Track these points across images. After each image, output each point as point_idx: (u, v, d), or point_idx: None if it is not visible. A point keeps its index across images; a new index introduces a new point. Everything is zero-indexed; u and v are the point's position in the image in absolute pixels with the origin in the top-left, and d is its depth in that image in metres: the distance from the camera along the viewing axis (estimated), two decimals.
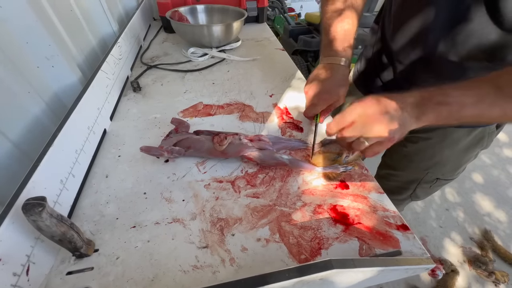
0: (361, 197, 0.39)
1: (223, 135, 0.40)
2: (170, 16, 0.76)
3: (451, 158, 0.58)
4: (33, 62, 0.43)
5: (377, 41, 0.57)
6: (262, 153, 0.40)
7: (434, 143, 0.56)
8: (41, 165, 0.31)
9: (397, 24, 0.49)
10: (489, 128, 0.54)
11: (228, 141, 0.39)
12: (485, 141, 0.56)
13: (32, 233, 0.28)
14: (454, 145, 0.56)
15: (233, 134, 0.40)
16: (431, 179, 0.62)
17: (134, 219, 0.35)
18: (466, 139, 0.54)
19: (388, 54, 0.53)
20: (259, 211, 0.37)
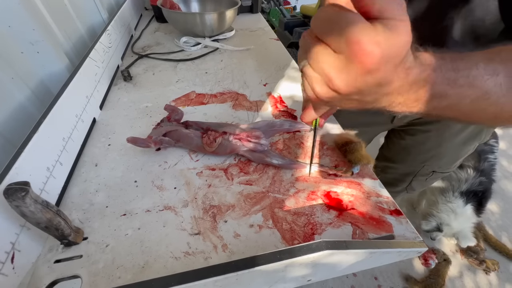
0: (355, 183, 0.39)
1: (212, 136, 0.38)
2: (161, 4, 0.74)
3: (449, 151, 0.57)
4: (17, 47, 0.41)
5: None
6: (252, 155, 0.39)
7: (433, 136, 0.56)
8: (25, 151, 0.30)
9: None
10: None
11: (217, 143, 0.38)
12: (484, 134, 0.55)
13: (17, 220, 0.27)
14: (453, 138, 0.54)
15: (221, 133, 0.39)
16: (428, 172, 0.62)
17: (125, 207, 0.35)
18: (465, 132, 0.53)
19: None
20: (252, 198, 0.36)
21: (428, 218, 1.04)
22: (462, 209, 0.99)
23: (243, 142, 0.40)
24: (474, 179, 1.01)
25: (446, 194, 1.03)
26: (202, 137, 0.39)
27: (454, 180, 1.03)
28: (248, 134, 0.40)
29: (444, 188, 1.04)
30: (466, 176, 1.01)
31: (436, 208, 1.04)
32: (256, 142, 0.40)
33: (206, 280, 0.20)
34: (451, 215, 1.00)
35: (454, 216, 0.99)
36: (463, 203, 0.99)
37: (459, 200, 1.00)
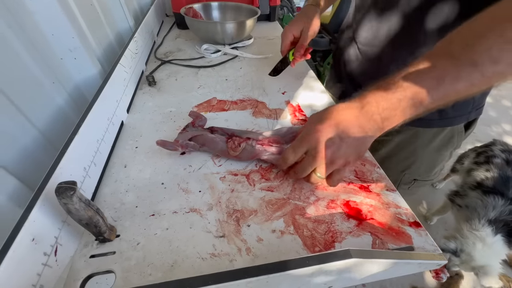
0: (374, 194, 0.40)
1: (237, 141, 0.40)
2: (184, 13, 0.77)
3: (424, 158, 0.59)
4: (58, 54, 0.44)
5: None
6: (275, 158, 0.41)
7: (406, 145, 0.58)
8: (67, 152, 0.32)
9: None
10: (458, 128, 0.55)
11: (241, 148, 0.40)
12: (456, 141, 0.57)
13: (59, 216, 0.30)
14: (425, 146, 0.57)
15: (245, 139, 0.41)
16: (409, 180, 0.63)
17: (153, 207, 0.37)
18: (436, 139, 0.56)
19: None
20: (274, 204, 0.38)
21: (448, 238, 0.95)
22: (492, 239, 0.87)
23: (265, 147, 0.42)
24: (504, 207, 0.90)
25: (471, 221, 0.93)
26: (227, 142, 0.41)
27: (480, 207, 0.94)
28: (270, 139, 0.42)
29: (468, 215, 0.95)
30: (493, 203, 0.92)
31: (460, 233, 0.94)
32: (278, 146, 0.41)
33: (240, 281, 0.22)
34: (478, 244, 0.87)
35: (481, 246, 0.87)
36: (492, 233, 0.88)
37: (487, 229, 0.89)
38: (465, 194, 1.04)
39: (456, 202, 1.06)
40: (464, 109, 0.52)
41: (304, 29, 0.57)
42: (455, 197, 1.08)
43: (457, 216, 1.05)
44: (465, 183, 1.09)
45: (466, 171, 1.15)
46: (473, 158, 1.17)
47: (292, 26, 0.58)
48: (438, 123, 0.54)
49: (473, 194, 1.00)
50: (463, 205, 1.02)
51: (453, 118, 0.53)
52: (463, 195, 1.05)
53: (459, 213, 1.03)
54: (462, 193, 1.06)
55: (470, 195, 1.01)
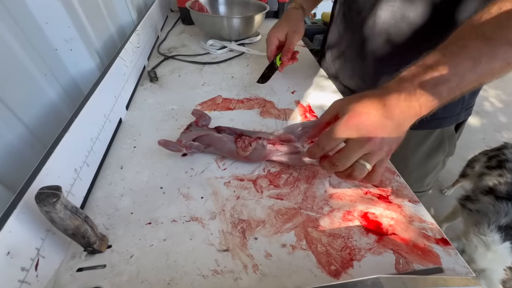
0: (395, 205, 0.36)
1: (247, 140, 0.37)
2: (190, 6, 0.74)
3: (415, 165, 0.57)
4: (52, 44, 0.41)
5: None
6: (288, 157, 0.37)
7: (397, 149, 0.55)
8: (55, 151, 0.29)
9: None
10: (448, 130, 0.54)
11: (252, 148, 0.36)
12: (446, 146, 0.56)
13: (43, 225, 0.26)
14: (415, 150, 0.56)
15: (256, 138, 0.37)
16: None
17: (150, 214, 0.33)
18: (426, 142, 0.54)
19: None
20: (284, 214, 0.34)
21: (452, 239, 0.93)
22: (498, 246, 0.84)
23: (277, 146, 0.38)
24: None
25: (480, 226, 0.90)
26: (236, 142, 0.37)
27: (491, 212, 0.91)
28: (281, 137, 0.39)
29: (478, 220, 0.92)
30: (506, 209, 0.89)
31: (466, 236, 0.92)
32: (290, 145, 0.38)
33: None
34: (481, 248, 0.85)
35: (485, 251, 0.85)
36: (500, 239, 0.85)
37: (495, 235, 0.86)
38: (477, 199, 1.00)
39: (467, 207, 1.03)
40: (453, 110, 0.51)
41: (289, 32, 0.55)
42: (466, 201, 1.04)
43: (467, 220, 1.01)
44: (476, 188, 1.06)
45: (477, 176, 1.12)
46: (485, 162, 1.13)
47: (276, 30, 0.56)
48: (427, 124, 0.51)
49: (485, 199, 0.97)
50: (474, 210, 0.98)
51: (442, 119, 0.51)
52: (474, 200, 1.01)
53: (469, 217, 1.00)
54: (473, 198, 1.03)
55: (482, 200, 0.98)
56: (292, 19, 0.57)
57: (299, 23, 0.57)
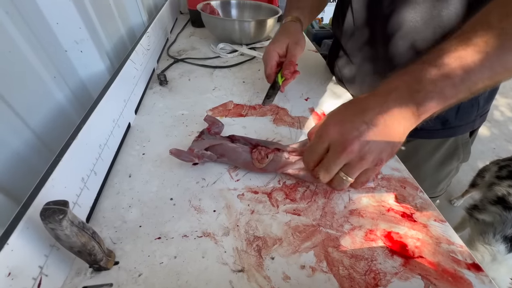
0: (420, 224, 0.33)
1: (263, 151, 0.35)
2: (201, 9, 0.73)
3: (428, 172, 0.55)
4: (62, 45, 0.39)
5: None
6: (305, 173, 0.35)
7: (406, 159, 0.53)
8: (63, 160, 0.27)
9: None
10: (462, 138, 0.51)
11: (269, 160, 0.34)
12: (461, 153, 0.53)
13: (47, 240, 0.24)
14: (427, 159, 0.53)
15: (274, 149, 0.35)
16: None
17: (160, 228, 0.31)
18: (439, 151, 0.52)
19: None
20: (302, 232, 0.32)
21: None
22: (504, 256, 0.84)
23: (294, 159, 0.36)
24: None
25: (485, 235, 0.89)
26: (252, 152, 0.35)
27: (498, 222, 0.89)
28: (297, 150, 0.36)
29: (484, 229, 0.91)
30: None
31: (472, 245, 0.91)
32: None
33: None
34: (487, 258, 0.85)
35: (491, 261, 0.84)
36: (506, 250, 0.85)
37: (500, 245, 0.86)
38: (484, 209, 0.99)
39: (474, 216, 1.01)
40: (468, 117, 0.48)
41: (290, 44, 0.50)
42: (474, 211, 1.02)
43: (473, 229, 0.99)
44: (485, 198, 1.04)
45: (487, 185, 1.10)
46: (495, 172, 1.12)
47: (274, 44, 0.50)
48: (440, 133, 0.50)
49: (493, 209, 0.95)
50: (481, 219, 0.97)
51: (456, 127, 0.49)
52: (482, 209, 0.99)
53: (475, 226, 0.98)
54: (481, 207, 1.01)
55: (489, 210, 0.96)
56: (292, 31, 0.51)
57: (300, 35, 0.52)
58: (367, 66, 0.51)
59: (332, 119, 0.28)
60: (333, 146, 0.27)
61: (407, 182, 0.39)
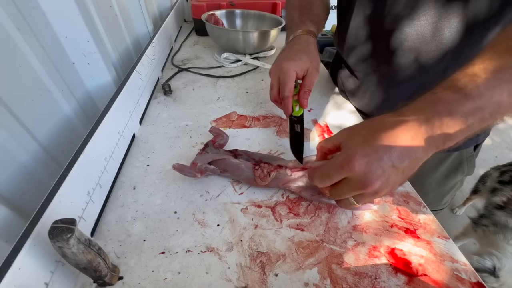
0: (424, 241, 0.33)
1: (265, 169, 0.35)
2: (206, 19, 0.74)
3: (432, 186, 0.55)
4: (70, 58, 0.40)
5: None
6: (307, 192, 0.35)
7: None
8: (70, 175, 0.27)
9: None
10: (467, 152, 0.51)
11: (271, 178, 0.34)
12: (465, 166, 0.53)
13: (54, 256, 0.24)
14: (432, 173, 0.53)
15: (276, 167, 0.35)
16: None
17: (164, 243, 0.31)
18: (443, 165, 0.52)
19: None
20: (305, 248, 0.32)
21: (483, 255, 0.83)
22: None
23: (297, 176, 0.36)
24: None
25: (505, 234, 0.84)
26: (254, 170, 0.35)
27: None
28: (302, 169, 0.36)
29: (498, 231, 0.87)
30: None
31: (496, 246, 0.84)
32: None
33: None
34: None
35: None
36: None
37: None
38: (492, 214, 0.97)
39: (481, 224, 0.98)
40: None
41: (310, 69, 0.43)
42: (481, 219, 1.00)
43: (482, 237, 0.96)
44: (489, 204, 1.02)
45: (489, 191, 1.08)
46: (497, 177, 1.11)
47: (295, 63, 0.42)
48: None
49: (500, 213, 0.94)
50: (490, 224, 0.95)
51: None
52: (489, 216, 0.98)
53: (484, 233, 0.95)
54: (487, 214, 1.00)
55: (497, 214, 0.95)
56: (311, 51, 0.45)
57: (318, 57, 0.46)
58: (370, 80, 0.51)
59: (358, 150, 0.25)
60: (353, 180, 0.26)
61: (411, 197, 0.39)
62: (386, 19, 0.43)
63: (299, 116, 0.43)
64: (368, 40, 0.48)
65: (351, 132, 0.28)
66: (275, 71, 0.43)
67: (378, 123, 0.27)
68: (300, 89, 0.43)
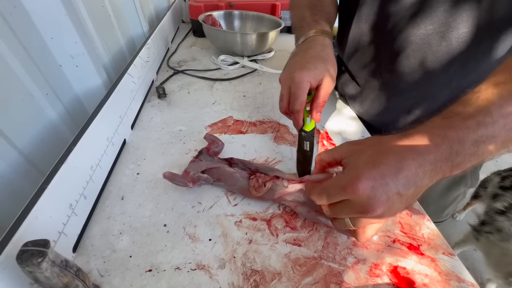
0: (428, 257, 0.31)
1: (261, 179, 0.33)
2: (203, 20, 0.72)
3: (434, 197, 0.53)
4: (56, 60, 0.38)
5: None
6: (303, 208, 0.33)
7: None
8: (48, 188, 0.25)
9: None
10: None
11: (267, 188, 0.32)
12: (469, 179, 0.52)
13: (26, 279, 0.22)
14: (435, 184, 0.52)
15: (272, 177, 0.33)
16: None
17: (151, 259, 0.29)
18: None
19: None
20: (302, 265, 0.30)
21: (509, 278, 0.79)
22: None
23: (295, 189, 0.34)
24: None
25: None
26: (249, 179, 0.34)
27: None
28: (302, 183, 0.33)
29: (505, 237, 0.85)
30: None
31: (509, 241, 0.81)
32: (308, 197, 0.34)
33: None
34: None
35: None
36: None
37: None
38: (494, 220, 0.95)
39: (484, 231, 0.96)
40: None
41: (326, 79, 0.37)
42: (483, 226, 0.98)
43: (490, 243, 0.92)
44: (490, 209, 1.00)
45: (490, 197, 1.07)
46: (498, 182, 1.09)
47: (310, 73, 0.36)
48: None
49: (502, 218, 0.92)
50: (494, 230, 0.92)
51: None
52: (490, 222, 0.95)
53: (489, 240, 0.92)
54: (488, 220, 0.97)
55: (499, 219, 0.92)
56: (329, 56, 0.39)
57: (335, 63, 0.40)
58: (371, 86, 0.50)
59: (363, 174, 0.23)
60: (354, 202, 0.24)
61: (413, 209, 0.37)
62: (390, 23, 0.42)
63: (309, 131, 0.38)
64: (370, 44, 0.46)
65: (356, 149, 0.26)
66: (286, 80, 0.38)
67: (385, 144, 0.25)
68: (313, 101, 0.38)
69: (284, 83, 0.39)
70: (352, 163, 0.25)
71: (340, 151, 0.27)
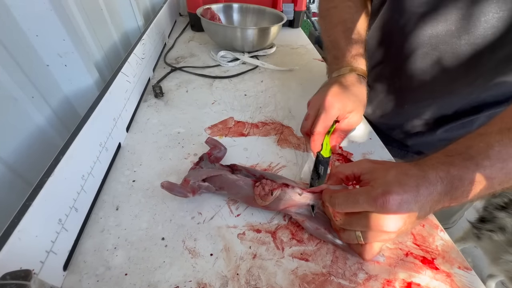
0: (443, 272, 0.29)
1: (267, 187, 0.30)
2: (201, 14, 0.68)
3: None
4: (43, 60, 0.35)
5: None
6: (312, 224, 0.31)
7: None
8: (33, 204, 0.23)
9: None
10: None
11: (274, 197, 0.30)
12: None
13: None
14: None
15: (280, 185, 0.31)
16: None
17: (148, 277, 0.27)
18: None
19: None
20: (310, 282, 0.28)
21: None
22: None
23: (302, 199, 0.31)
24: None
25: None
26: (255, 187, 0.31)
27: None
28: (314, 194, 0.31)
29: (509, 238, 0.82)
30: None
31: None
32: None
33: None
34: None
35: None
36: None
37: None
38: (494, 216, 0.93)
39: (484, 229, 0.95)
40: None
41: (354, 113, 0.38)
42: (483, 223, 0.97)
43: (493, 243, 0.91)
44: (489, 204, 0.99)
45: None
46: None
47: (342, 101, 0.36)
48: None
49: (502, 215, 0.89)
50: (496, 229, 0.90)
51: None
52: (490, 219, 0.93)
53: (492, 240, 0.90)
54: (488, 217, 0.95)
55: (499, 216, 0.90)
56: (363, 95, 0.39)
57: (365, 104, 0.39)
58: (379, 87, 0.47)
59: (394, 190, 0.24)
60: (375, 216, 0.25)
61: (426, 219, 0.35)
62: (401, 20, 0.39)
63: (325, 158, 0.37)
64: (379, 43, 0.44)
65: (378, 167, 0.28)
66: (316, 102, 0.38)
67: (405, 167, 0.26)
68: (335, 130, 0.39)
69: (313, 104, 0.39)
70: (380, 179, 0.26)
71: (361, 166, 0.29)
